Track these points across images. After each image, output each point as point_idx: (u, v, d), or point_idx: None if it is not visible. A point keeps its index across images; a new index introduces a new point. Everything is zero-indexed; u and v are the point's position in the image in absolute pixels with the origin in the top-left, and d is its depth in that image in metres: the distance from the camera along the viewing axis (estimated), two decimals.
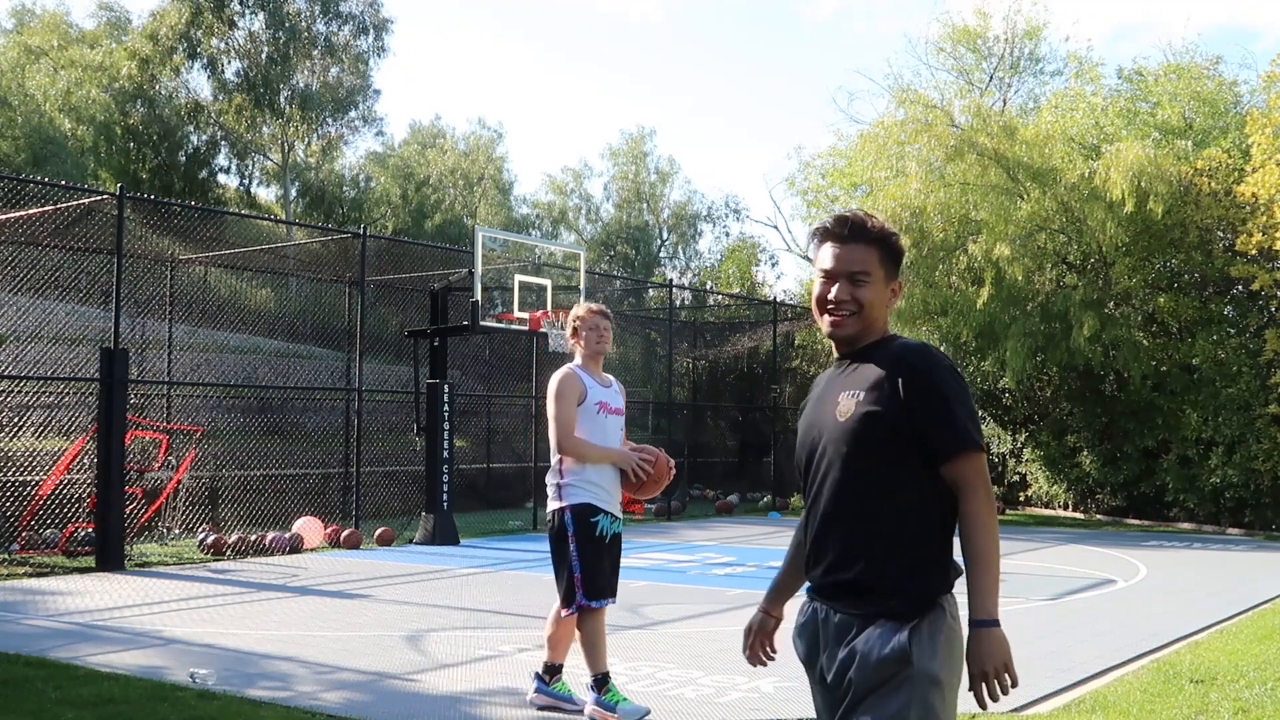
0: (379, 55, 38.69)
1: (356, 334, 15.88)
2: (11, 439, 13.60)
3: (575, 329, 5.96)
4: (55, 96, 35.49)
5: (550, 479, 5.79)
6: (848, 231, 2.76)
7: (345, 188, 43.40)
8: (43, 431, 14.00)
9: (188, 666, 6.73)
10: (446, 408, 14.88)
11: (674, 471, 5.81)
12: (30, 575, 11.09)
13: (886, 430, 2.62)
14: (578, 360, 5.94)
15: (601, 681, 5.76)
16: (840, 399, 2.71)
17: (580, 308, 6.04)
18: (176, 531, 14.17)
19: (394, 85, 73.48)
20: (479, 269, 14.45)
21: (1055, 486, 21.54)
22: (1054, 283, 20.55)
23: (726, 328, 26.50)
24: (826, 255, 2.78)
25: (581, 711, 5.85)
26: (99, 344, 13.05)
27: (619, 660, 7.16)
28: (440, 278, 16.31)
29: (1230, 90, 22.37)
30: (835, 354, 2.86)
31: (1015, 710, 6.03)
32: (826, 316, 2.78)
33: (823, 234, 2.81)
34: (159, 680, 6.49)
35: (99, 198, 14.47)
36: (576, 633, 5.81)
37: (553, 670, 5.96)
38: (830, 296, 2.75)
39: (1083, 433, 20.96)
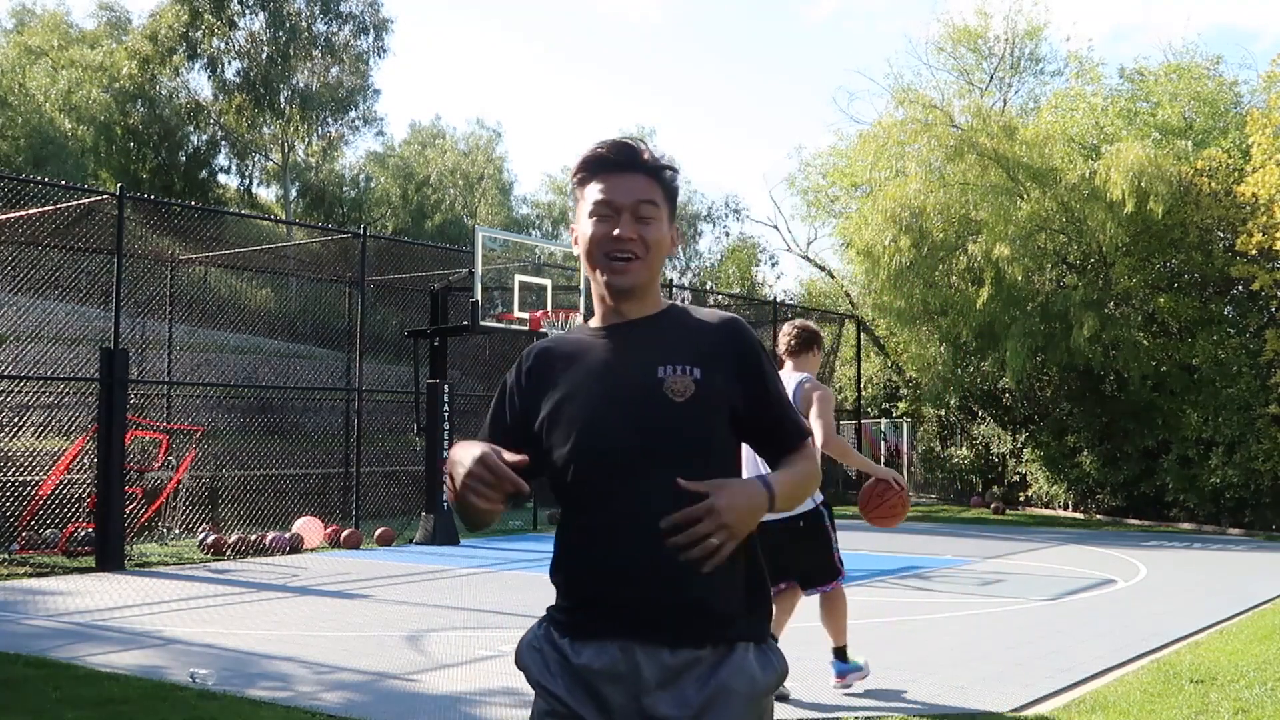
0: (379, 55, 38.75)
1: (356, 334, 15.88)
2: (11, 439, 13.60)
3: (817, 344, 6.72)
4: (55, 96, 35.49)
5: None
6: (623, 159, 2.26)
7: (345, 188, 43.43)
8: (43, 431, 14.00)
9: (188, 666, 6.73)
10: (446, 408, 14.89)
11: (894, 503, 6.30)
12: (30, 575, 11.09)
13: (730, 415, 2.18)
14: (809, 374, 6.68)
15: (841, 652, 6.44)
16: (665, 374, 2.15)
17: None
18: (176, 531, 14.17)
19: (394, 85, 73.57)
20: (479, 269, 14.45)
21: (1055, 486, 21.54)
22: (1054, 283, 20.56)
23: None
24: (599, 188, 2.25)
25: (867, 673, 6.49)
26: (99, 344, 13.04)
27: None
28: (440, 278, 16.31)
29: (1230, 90, 22.37)
30: (600, 314, 2.30)
31: (1015, 710, 6.03)
32: (610, 262, 2.21)
33: (596, 162, 2.27)
34: (159, 680, 6.48)
35: (99, 198, 14.47)
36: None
37: (841, 651, 6.50)
38: (616, 233, 2.20)
39: (1083, 433, 20.96)
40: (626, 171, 2.25)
